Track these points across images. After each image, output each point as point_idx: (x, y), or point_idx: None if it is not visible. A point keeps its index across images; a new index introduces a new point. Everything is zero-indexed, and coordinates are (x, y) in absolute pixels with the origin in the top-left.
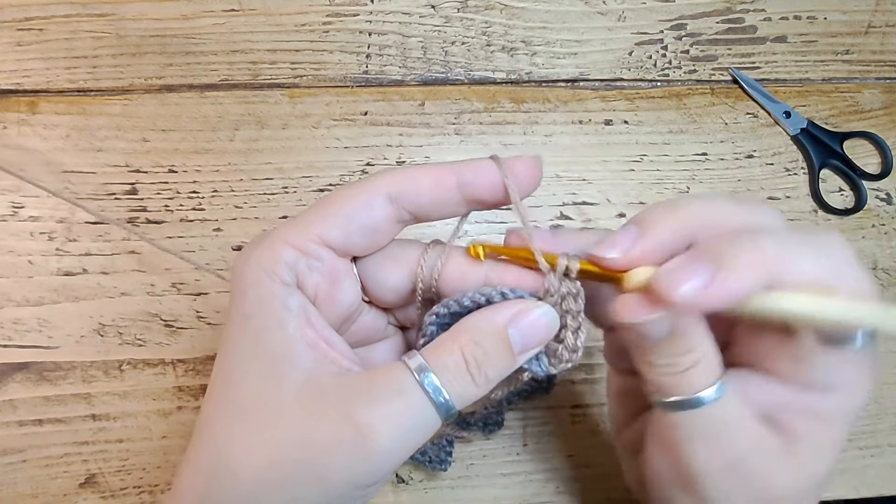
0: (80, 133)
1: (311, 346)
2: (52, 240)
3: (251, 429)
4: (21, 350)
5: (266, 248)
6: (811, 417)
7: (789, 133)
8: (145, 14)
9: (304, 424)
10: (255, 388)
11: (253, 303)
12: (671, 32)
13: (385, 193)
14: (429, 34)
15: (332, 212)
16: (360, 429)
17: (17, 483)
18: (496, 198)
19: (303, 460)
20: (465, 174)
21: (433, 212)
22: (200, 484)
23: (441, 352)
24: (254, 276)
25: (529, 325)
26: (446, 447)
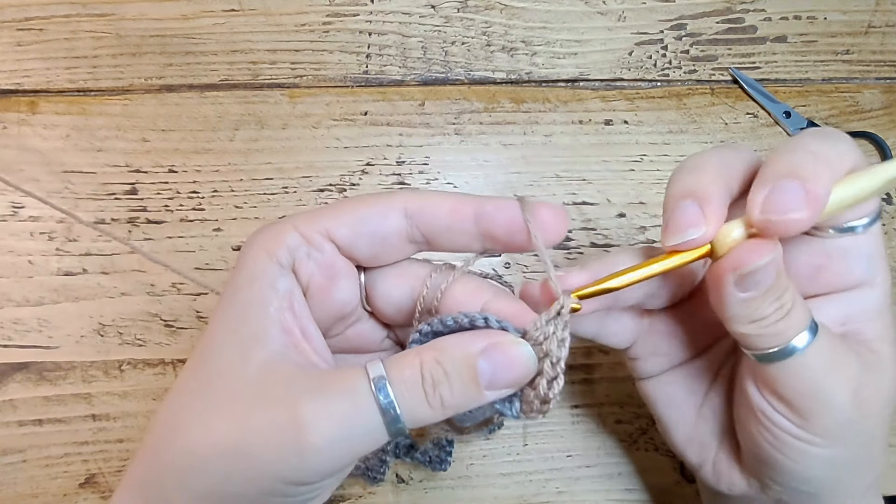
0: (80, 133)
1: (285, 331)
2: (52, 240)
3: (205, 403)
4: (21, 350)
5: (274, 229)
6: (872, 315)
7: (789, 133)
8: (145, 14)
9: (249, 407)
10: (223, 364)
11: (245, 277)
12: (671, 32)
13: (402, 208)
14: (429, 34)
15: (345, 211)
16: (296, 420)
17: (17, 483)
18: (513, 239)
19: (238, 443)
20: (485, 206)
21: (446, 238)
22: (150, 450)
23: (402, 363)
24: (254, 253)
25: (503, 361)
26: (446, 447)
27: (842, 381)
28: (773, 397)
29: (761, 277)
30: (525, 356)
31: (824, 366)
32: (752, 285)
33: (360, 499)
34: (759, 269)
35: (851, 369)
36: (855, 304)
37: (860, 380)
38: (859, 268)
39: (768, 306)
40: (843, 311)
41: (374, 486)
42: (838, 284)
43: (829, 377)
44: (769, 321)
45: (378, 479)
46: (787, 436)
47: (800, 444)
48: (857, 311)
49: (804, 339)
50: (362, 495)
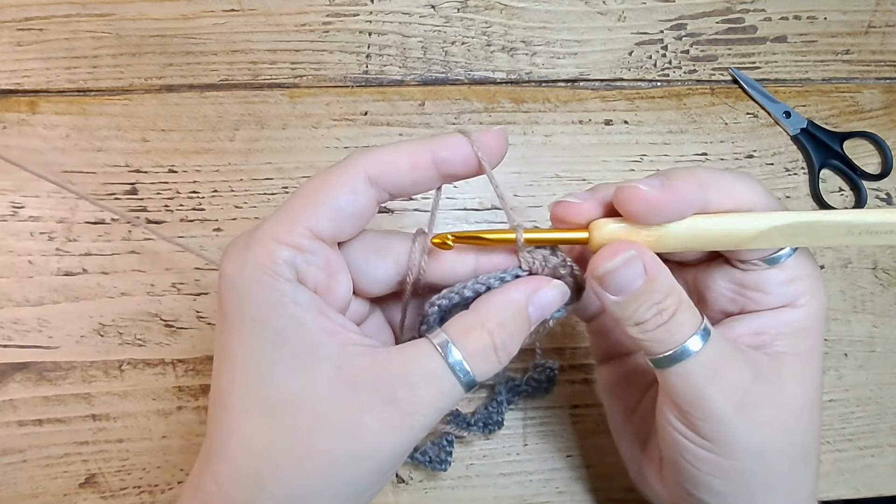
0: (80, 133)
1: (331, 334)
2: (52, 240)
3: (291, 429)
4: (21, 350)
5: (259, 249)
6: (788, 333)
7: (789, 133)
8: (145, 14)
9: (347, 413)
10: (285, 389)
11: (262, 307)
12: (671, 32)
13: (364, 177)
14: (429, 34)
15: (318, 202)
16: (404, 413)
17: (17, 483)
18: (469, 171)
19: (353, 447)
20: (440, 152)
21: (411, 190)
22: (240, 496)
23: (471, 336)
24: (254, 281)
25: (546, 301)
26: (446, 447)
27: (724, 390)
28: (667, 401)
29: (624, 279)
30: (561, 289)
31: (708, 374)
32: (618, 288)
33: None
34: (616, 270)
35: (738, 380)
36: (771, 319)
37: (749, 390)
38: (776, 295)
39: (646, 311)
40: (758, 324)
41: None
42: (757, 306)
43: (710, 386)
44: (649, 326)
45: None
46: (682, 438)
47: (693, 448)
48: (772, 326)
49: (691, 346)
50: None
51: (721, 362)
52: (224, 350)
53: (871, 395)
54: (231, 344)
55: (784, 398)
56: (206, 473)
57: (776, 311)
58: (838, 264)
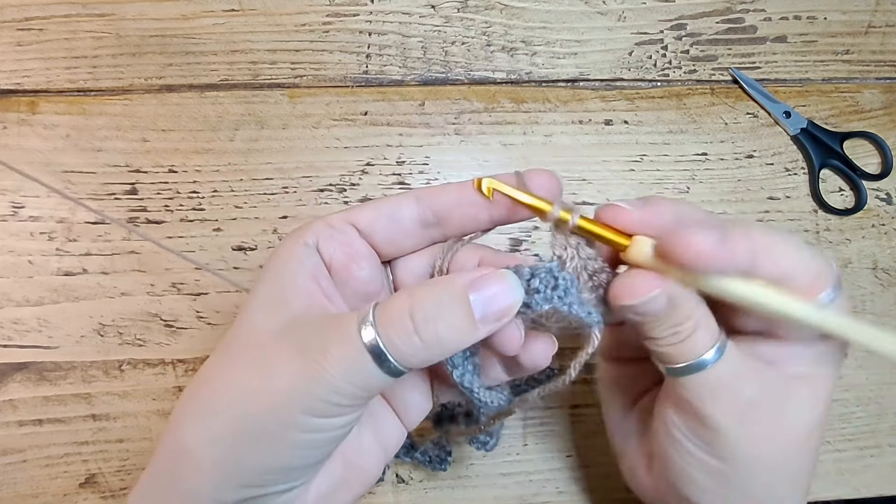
0: (80, 133)
1: (310, 295)
2: (52, 240)
3: (229, 357)
4: (21, 350)
5: (304, 226)
6: (805, 361)
7: (789, 133)
8: (145, 14)
9: (268, 353)
10: (251, 326)
11: (277, 261)
12: (671, 32)
13: (414, 196)
14: (429, 34)
15: (366, 205)
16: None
17: (17, 483)
18: (515, 209)
19: (258, 384)
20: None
21: (455, 213)
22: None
23: (390, 303)
24: (286, 242)
25: (491, 293)
26: (446, 447)
27: (727, 405)
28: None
29: (644, 311)
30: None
31: (714, 388)
32: (638, 315)
33: (360, 499)
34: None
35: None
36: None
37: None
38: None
39: (662, 330)
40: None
41: (374, 486)
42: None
43: (714, 400)
44: (663, 343)
45: (378, 480)
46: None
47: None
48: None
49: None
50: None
51: (730, 378)
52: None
53: (871, 395)
54: (253, 287)
55: (787, 419)
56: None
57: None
58: (838, 264)
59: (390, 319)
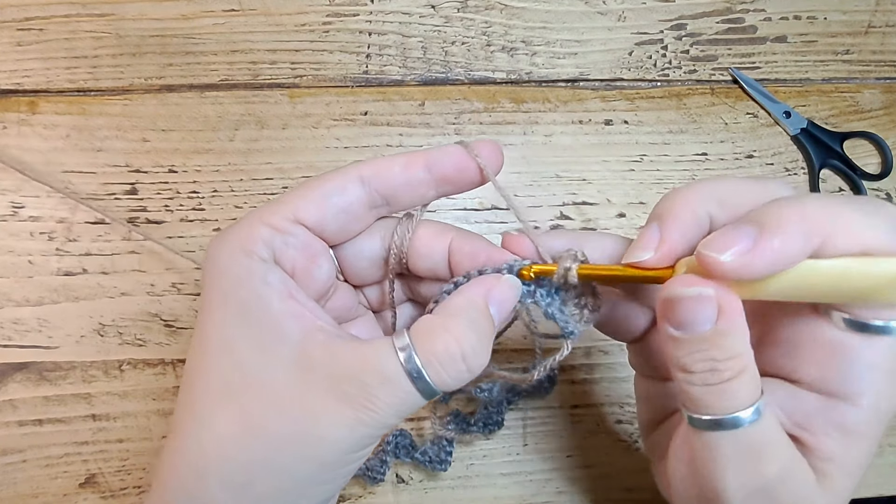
0: (80, 133)
1: (297, 317)
2: (52, 240)
3: (241, 407)
4: (21, 350)
5: (242, 228)
6: (840, 432)
7: (789, 133)
8: (145, 14)
9: (299, 399)
10: (244, 366)
11: (233, 282)
12: (671, 32)
13: (358, 177)
14: (429, 34)
15: (307, 192)
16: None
17: (17, 483)
18: (464, 177)
19: (298, 432)
20: (434, 155)
21: (403, 192)
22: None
23: (435, 343)
24: (230, 257)
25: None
26: (446, 447)
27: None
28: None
29: (690, 315)
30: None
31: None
32: (680, 321)
33: (360, 499)
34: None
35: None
36: (823, 413)
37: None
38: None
39: (698, 360)
40: (805, 414)
41: (374, 486)
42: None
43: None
44: (695, 380)
45: (378, 480)
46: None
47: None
48: (821, 422)
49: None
50: (362, 495)
51: (760, 448)
52: (197, 325)
53: None
54: (202, 319)
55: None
56: (164, 451)
57: (829, 402)
58: None
59: (441, 362)
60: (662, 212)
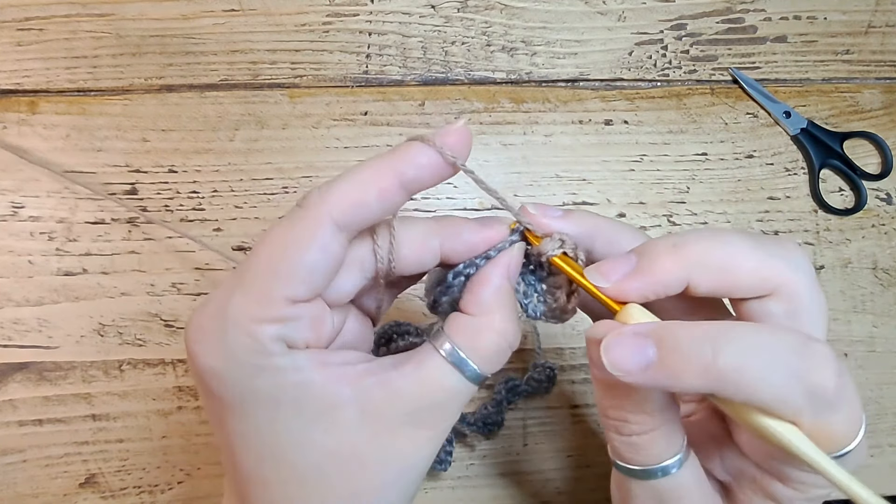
0: (80, 133)
1: (340, 379)
2: (52, 240)
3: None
4: (21, 350)
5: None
6: (767, 498)
7: (789, 133)
8: (145, 14)
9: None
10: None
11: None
12: (671, 32)
13: (331, 225)
14: (429, 34)
15: (288, 268)
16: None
17: (17, 483)
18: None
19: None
20: (406, 172)
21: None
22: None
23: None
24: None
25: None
26: (446, 447)
27: None
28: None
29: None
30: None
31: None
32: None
33: None
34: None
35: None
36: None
37: None
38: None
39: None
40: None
41: None
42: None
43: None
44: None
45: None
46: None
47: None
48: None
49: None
50: None
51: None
52: (234, 435)
53: (871, 395)
54: (243, 429)
55: None
56: None
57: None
58: (838, 264)
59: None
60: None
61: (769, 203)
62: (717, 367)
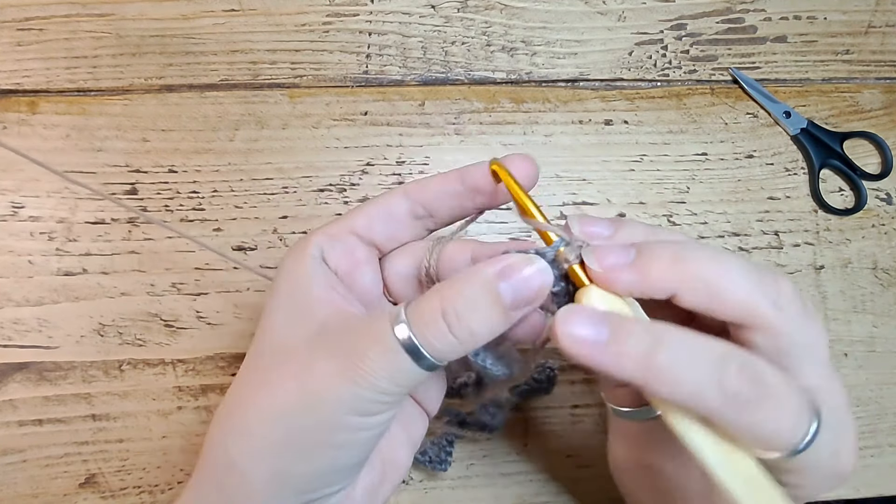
0: (80, 133)
1: (329, 303)
2: (52, 240)
3: (265, 373)
4: (21, 350)
5: (306, 237)
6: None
7: (789, 133)
8: (145, 14)
9: (306, 359)
10: (279, 338)
11: (287, 275)
12: (671, 32)
13: (403, 191)
14: (429, 34)
15: (360, 209)
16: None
17: (17, 483)
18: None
19: (301, 395)
20: (467, 169)
21: (441, 202)
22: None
23: (421, 302)
24: (291, 259)
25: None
26: (446, 447)
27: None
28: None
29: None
30: (540, 269)
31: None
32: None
33: None
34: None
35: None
36: None
37: None
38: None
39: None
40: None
41: None
42: None
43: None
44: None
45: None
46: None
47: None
48: None
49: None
50: None
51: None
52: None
53: (871, 395)
54: (266, 305)
55: None
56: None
57: None
58: (838, 264)
59: (423, 320)
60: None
61: (769, 203)
62: (654, 363)
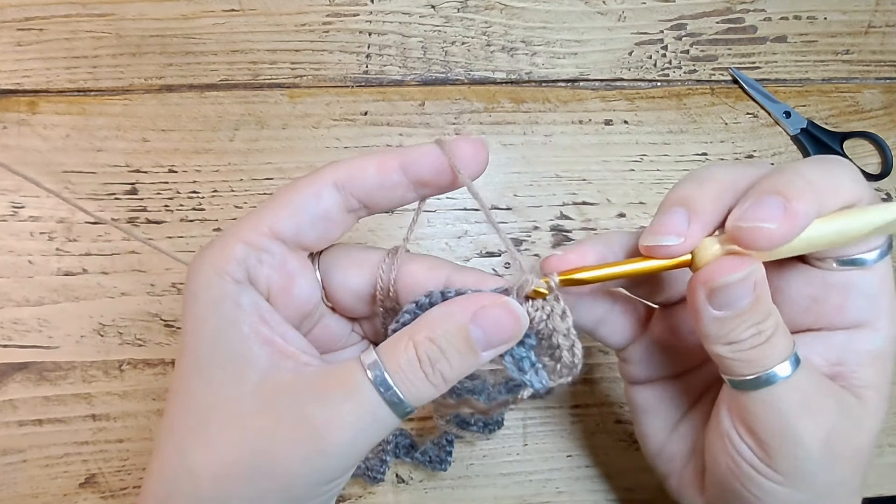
0: (80, 133)
1: (267, 343)
2: (52, 240)
3: (210, 434)
4: (21, 350)
5: (217, 247)
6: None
7: (789, 133)
8: (145, 14)
9: (261, 426)
10: (213, 392)
11: (206, 305)
12: (671, 32)
13: (332, 182)
14: (429, 34)
15: (281, 204)
16: (315, 429)
17: (17, 483)
18: (442, 180)
19: (261, 462)
20: (409, 155)
21: (380, 195)
22: (162, 492)
23: (396, 349)
24: (205, 279)
25: (493, 323)
26: (446, 447)
27: (814, 424)
28: (742, 427)
29: (735, 296)
30: (512, 311)
31: (798, 404)
32: (725, 303)
33: (360, 499)
34: (730, 285)
35: (828, 413)
36: (850, 345)
37: (835, 425)
38: (859, 306)
39: (744, 330)
40: (836, 351)
41: (374, 486)
42: (834, 321)
43: (801, 418)
44: (744, 346)
45: (378, 479)
46: (751, 469)
47: (761, 480)
48: (852, 354)
49: (782, 372)
50: (362, 495)
51: (811, 393)
52: (179, 349)
53: None
54: (180, 343)
55: (862, 435)
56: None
57: (855, 334)
58: None
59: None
60: (691, 198)
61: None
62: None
